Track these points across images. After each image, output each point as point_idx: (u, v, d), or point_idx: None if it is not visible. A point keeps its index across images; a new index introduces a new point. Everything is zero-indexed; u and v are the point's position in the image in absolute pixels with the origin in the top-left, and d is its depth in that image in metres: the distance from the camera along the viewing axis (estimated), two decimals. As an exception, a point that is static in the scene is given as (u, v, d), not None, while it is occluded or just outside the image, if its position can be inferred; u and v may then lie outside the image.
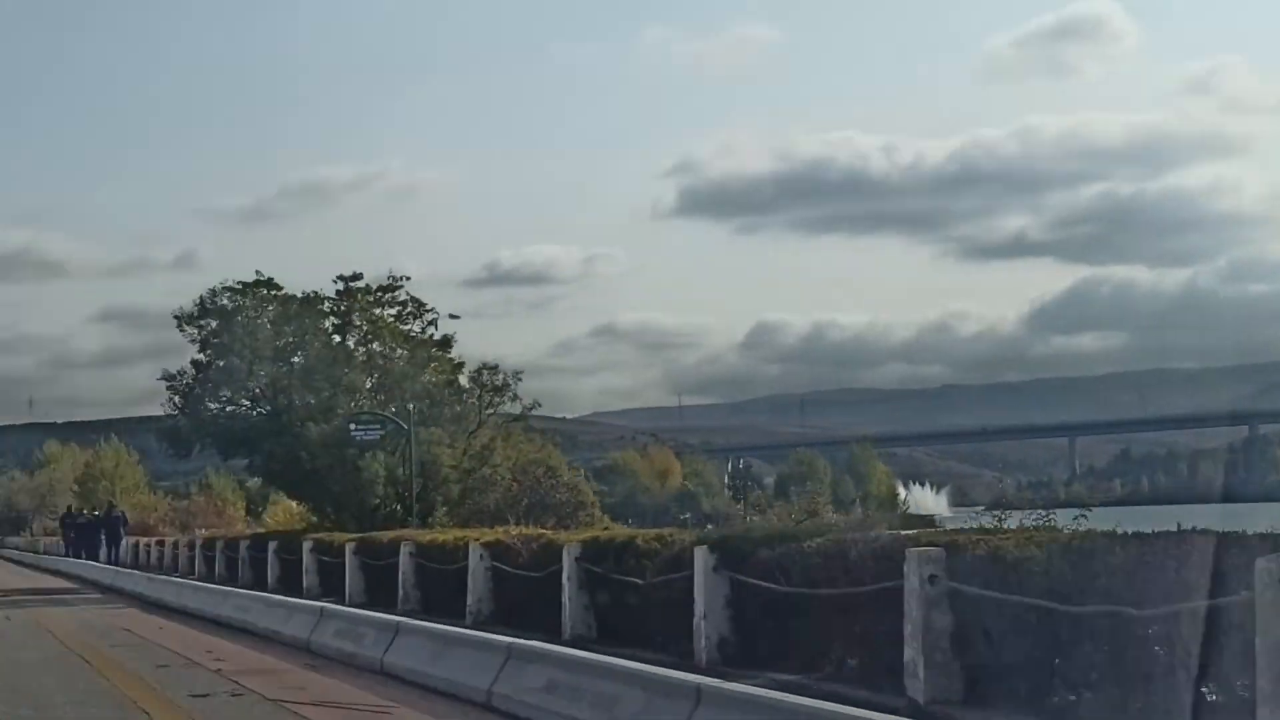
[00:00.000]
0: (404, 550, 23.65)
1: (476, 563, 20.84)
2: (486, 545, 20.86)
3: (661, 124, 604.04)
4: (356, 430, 32.38)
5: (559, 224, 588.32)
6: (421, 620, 17.24)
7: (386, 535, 26.05)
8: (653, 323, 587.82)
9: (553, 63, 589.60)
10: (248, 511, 74.93)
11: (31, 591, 35.72)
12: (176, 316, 36.62)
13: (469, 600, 20.72)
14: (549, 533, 21.54)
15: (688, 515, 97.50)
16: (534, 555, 19.71)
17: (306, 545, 28.83)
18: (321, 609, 18.42)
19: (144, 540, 49.82)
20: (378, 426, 32.64)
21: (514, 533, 21.27)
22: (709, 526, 35.26)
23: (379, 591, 25.53)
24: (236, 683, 14.72)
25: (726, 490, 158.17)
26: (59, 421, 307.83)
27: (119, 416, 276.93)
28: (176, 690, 14.24)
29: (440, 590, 22.79)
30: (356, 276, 38.61)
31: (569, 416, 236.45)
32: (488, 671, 12.98)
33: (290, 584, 30.13)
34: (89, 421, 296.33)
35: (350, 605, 22.68)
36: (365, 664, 15.81)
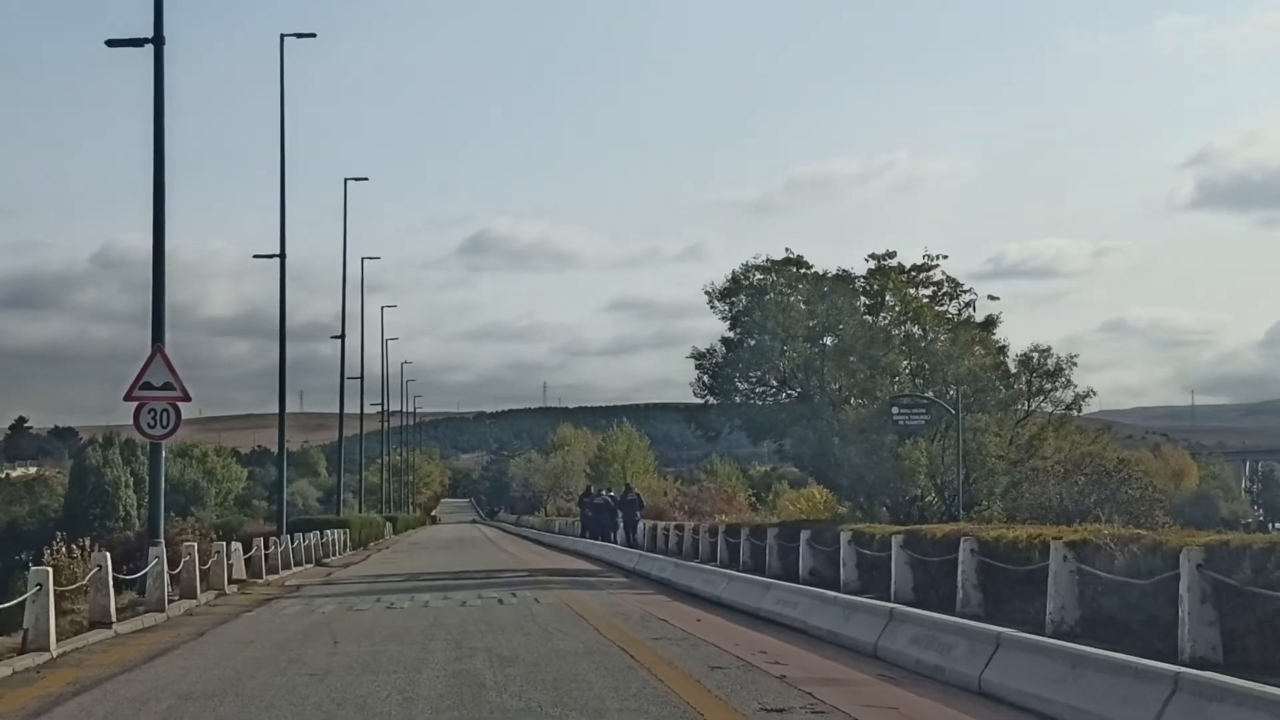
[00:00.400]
0: (964, 546, 20.79)
1: (1059, 565, 17.75)
2: (1070, 545, 17.79)
3: (1178, 114, 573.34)
4: (899, 414, 29.68)
5: (1067, 216, 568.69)
6: (1013, 630, 14.35)
7: (940, 529, 23.26)
8: (1166, 319, 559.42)
9: (1063, 52, 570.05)
10: (757, 499, 73.78)
11: (554, 572, 35.01)
12: (707, 292, 35.28)
13: (1049, 608, 17.68)
14: (1149, 533, 18.23)
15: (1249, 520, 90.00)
16: (1133, 559, 16.58)
17: (844, 536, 26.39)
18: (891, 610, 15.77)
19: (659, 524, 48.98)
20: (922, 411, 29.82)
21: (1106, 532, 18.06)
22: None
23: (928, 590, 22.86)
24: (810, 695, 12.25)
25: (1245, 494, 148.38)
26: (570, 406, 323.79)
27: (626, 403, 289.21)
28: (744, 701, 11.90)
29: (1006, 594, 19.92)
30: (889, 255, 36.17)
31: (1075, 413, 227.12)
32: (1147, 708, 9.98)
33: (821, 576, 27.94)
34: (598, 407, 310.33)
35: (896, 603, 20.07)
36: (955, 680, 13.06)
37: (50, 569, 16.59)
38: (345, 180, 63.58)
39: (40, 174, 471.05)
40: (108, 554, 19.90)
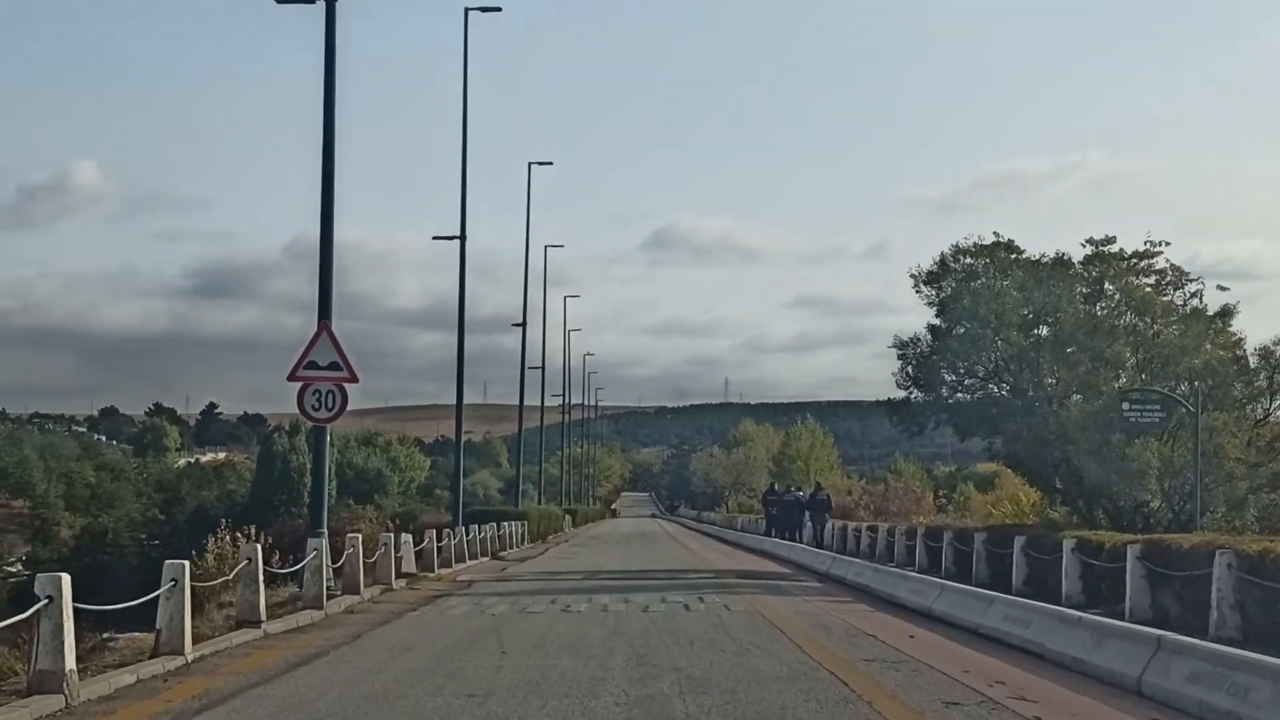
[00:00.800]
0: (1220, 561, 17.96)
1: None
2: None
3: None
4: (1131, 410, 26.70)
5: (1261, 217, 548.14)
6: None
7: (1186, 539, 20.39)
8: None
9: (1263, 48, 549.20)
10: (947, 500, 70.53)
11: (742, 574, 32.76)
12: (913, 275, 32.65)
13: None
14: None
15: None
16: None
17: (1067, 544, 23.63)
18: (1159, 639, 13.14)
19: (850, 525, 46.39)
20: (1156, 407, 26.81)
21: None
22: None
23: (1166, 608, 20.13)
24: (1077, 748, 9.84)
25: None
26: (751, 402, 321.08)
27: (807, 400, 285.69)
28: (999, 755, 9.55)
29: (1266, 616, 17.16)
30: (1108, 240, 33.14)
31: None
32: None
33: (1037, 588, 25.25)
34: (779, 404, 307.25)
35: (1131, 621, 17.40)
36: (1257, 732, 10.55)
37: (186, 563, 14.78)
38: (529, 164, 63.28)
39: (237, 165, 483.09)
40: (258, 546, 18.09)
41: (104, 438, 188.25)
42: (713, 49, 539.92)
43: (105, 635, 18.74)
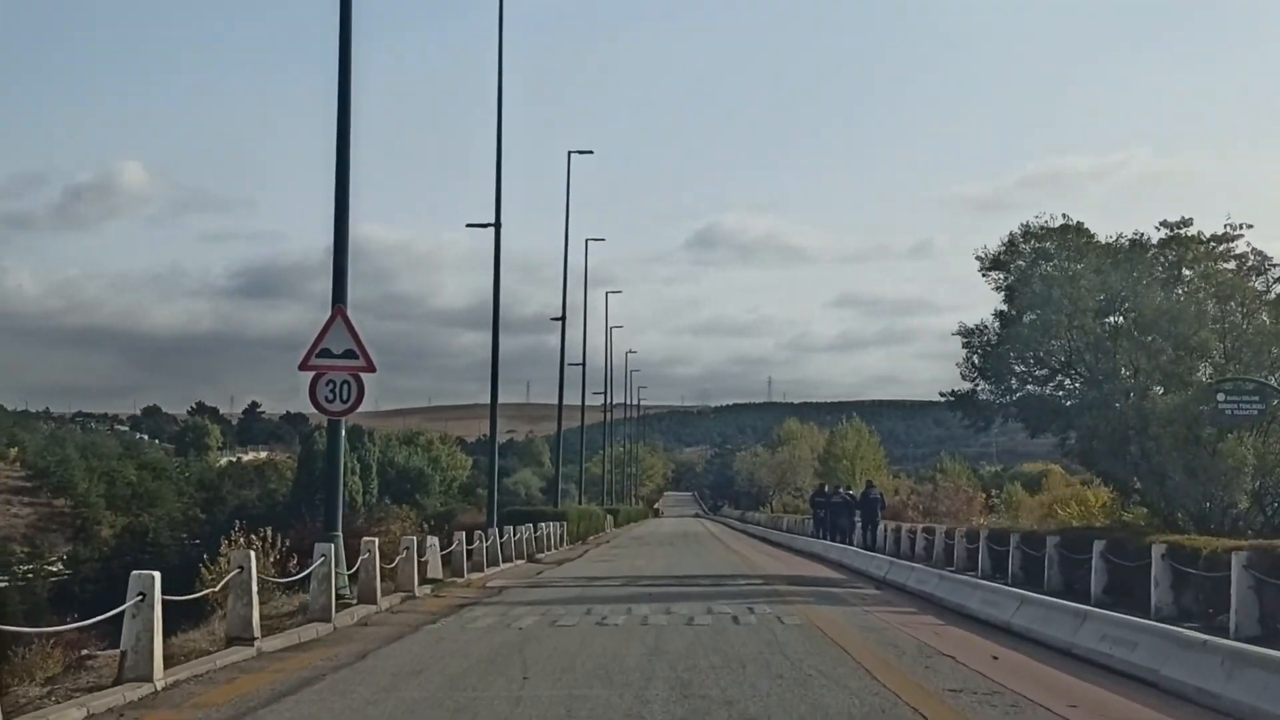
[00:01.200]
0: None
1: None
2: None
3: None
4: (1226, 402, 24.24)
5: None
6: None
7: (1301, 545, 18.12)
8: None
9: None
10: (1002, 501, 67.99)
11: (793, 580, 30.54)
12: (979, 258, 30.31)
13: None
14: None
15: None
16: None
17: (1157, 549, 21.30)
18: (1312, 670, 10.94)
19: (904, 527, 44.08)
20: (1255, 399, 24.35)
21: None
22: None
23: (1277, 624, 17.87)
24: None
25: None
26: (795, 402, 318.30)
27: (852, 400, 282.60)
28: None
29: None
30: (1185, 222, 30.78)
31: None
32: None
33: (1119, 596, 22.97)
34: (823, 403, 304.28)
35: (1236, 639, 15.12)
36: None
37: (156, 574, 12.67)
38: (569, 153, 62.23)
39: (282, 165, 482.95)
40: (251, 553, 15.96)
41: (146, 437, 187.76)
42: (756, 47, 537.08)
43: (85, 652, 16.78)
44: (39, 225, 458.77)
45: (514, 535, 40.19)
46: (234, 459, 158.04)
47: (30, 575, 74.93)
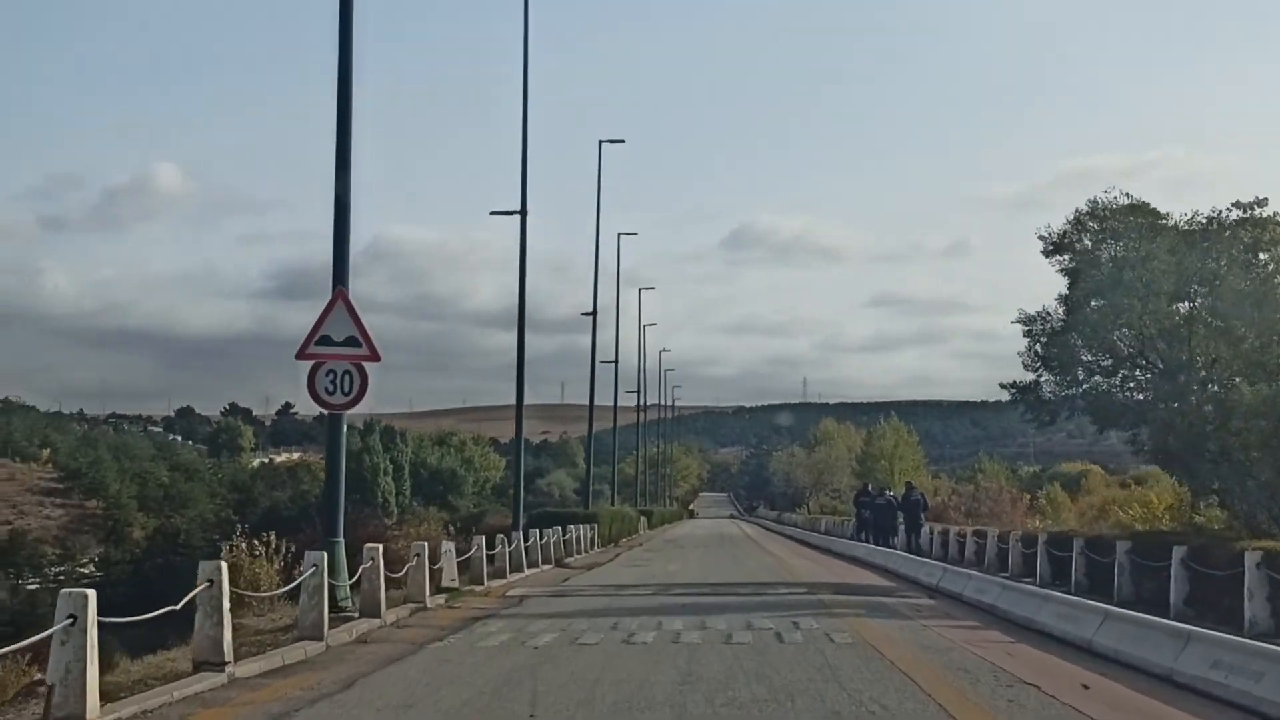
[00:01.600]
0: None
1: None
2: None
3: None
4: (1323, 392, 21.97)
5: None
6: None
7: None
8: None
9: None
10: (1048, 502, 65.56)
11: (838, 588, 28.35)
12: (1041, 238, 28.10)
13: None
14: None
15: None
16: None
17: (1251, 558, 19.03)
18: None
19: (952, 530, 41.81)
20: (1354, 387, 22.06)
21: None
22: None
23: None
24: None
25: None
26: (830, 402, 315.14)
27: (887, 400, 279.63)
28: None
29: None
30: (1260, 202, 28.54)
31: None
32: None
33: (1203, 608, 20.72)
34: (859, 403, 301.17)
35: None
36: None
37: (90, 592, 10.59)
38: (600, 142, 60.28)
39: (316, 167, 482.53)
40: (222, 564, 13.80)
41: (179, 438, 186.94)
42: (790, 47, 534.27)
43: (40, 677, 14.73)
44: (75, 227, 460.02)
45: (540, 539, 38.08)
46: (266, 460, 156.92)
47: (62, 577, 73.57)
